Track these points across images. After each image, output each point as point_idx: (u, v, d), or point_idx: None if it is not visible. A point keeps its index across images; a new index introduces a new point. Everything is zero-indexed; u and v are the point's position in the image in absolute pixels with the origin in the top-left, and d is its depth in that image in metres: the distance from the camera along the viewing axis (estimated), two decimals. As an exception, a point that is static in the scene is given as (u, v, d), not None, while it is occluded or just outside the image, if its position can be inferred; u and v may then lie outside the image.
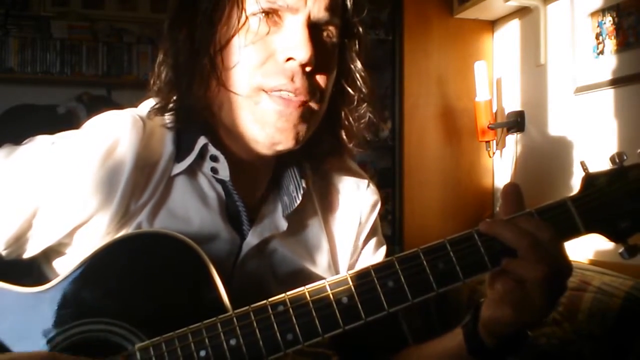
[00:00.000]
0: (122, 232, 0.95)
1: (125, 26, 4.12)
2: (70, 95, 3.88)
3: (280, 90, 0.94)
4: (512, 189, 0.90)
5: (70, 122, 3.51)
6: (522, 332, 0.92)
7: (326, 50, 0.98)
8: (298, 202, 1.04)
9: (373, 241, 1.17)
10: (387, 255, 1.18)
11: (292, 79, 0.93)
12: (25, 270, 1.00)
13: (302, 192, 1.04)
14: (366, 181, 1.17)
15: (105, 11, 4.10)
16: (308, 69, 0.94)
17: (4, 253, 0.95)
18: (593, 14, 2.35)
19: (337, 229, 1.13)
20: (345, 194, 1.15)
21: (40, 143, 0.98)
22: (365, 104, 1.07)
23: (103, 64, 3.99)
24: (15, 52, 3.88)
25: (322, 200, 1.13)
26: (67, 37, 3.97)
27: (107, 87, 4.05)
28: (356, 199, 1.15)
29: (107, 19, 4.10)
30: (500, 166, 2.98)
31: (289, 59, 0.93)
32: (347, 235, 1.14)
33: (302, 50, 0.92)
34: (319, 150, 1.08)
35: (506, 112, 2.89)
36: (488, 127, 2.80)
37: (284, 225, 1.05)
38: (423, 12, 2.99)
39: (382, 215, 1.18)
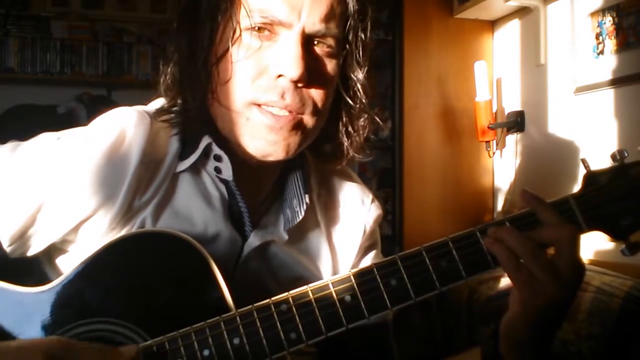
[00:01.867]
0: (127, 229, 0.95)
1: (125, 26, 4.12)
2: (70, 95, 3.88)
3: (272, 106, 0.94)
4: (530, 196, 0.90)
5: (70, 122, 3.52)
6: (543, 342, 0.90)
7: (322, 63, 0.97)
8: (300, 217, 1.03)
9: (373, 253, 1.17)
10: (387, 255, 1.19)
11: (282, 96, 0.93)
12: (26, 270, 1.00)
13: (304, 207, 1.03)
14: (371, 196, 1.17)
15: (105, 11, 4.10)
16: (300, 85, 0.94)
17: (8, 249, 0.95)
18: (593, 14, 2.35)
19: (339, 242, 1.13)
20: (350, 208, 1.14)
21: (46, 139, 0.99)
22: (366, 115, 1.06)
23: (103, 64, 3.98)
24: (15, 52, 3.88)
25: (326, 212, 1.12)
26: (67, 37, 3.97)
27: (107, 87, 4.05)
28: (361, 213, 1.15)
29: (107, 19, 4.10)
30: (500, 166, 2.98)
31: (280, 76, 0.93)
32: (350, 248, 1.13)
33: (293, 68, 0.91)
34: (325, 149, 1.08)
35: (506, 112, 2.89)
36: (488, 127, 2.80)
37: (284, 237, 1.04)
38: (423, 12, 2.99)
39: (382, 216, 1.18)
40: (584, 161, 0.90)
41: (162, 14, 4.10)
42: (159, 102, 1.04)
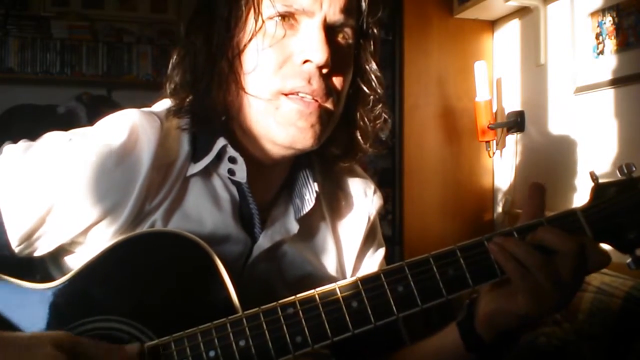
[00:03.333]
0: (136, 232, 0.95)
1: (125, 26, 4.13)
2: (70, 95, 3.88)
3: (298, 92, 0.95)
4: (539, 189, 0.91)
5: (70, 122, 3.53)
6: (523, 325, 0.93)
7: (342, 51, 0.99)
8: (311, 205, 1.04)
9: (374, 243, 1.18)
10: (387, 254, 1.20)
11: (309, 81, 0.95)
12: (30, 269, 1.00)
13: (314, 195, 1.05)
14: (373, 187, 1.19)
15: (105, 11, 4.11)
16: (324, 70, 0.95)
17: (17, 250, 0.95)
18: (593, 14, 2.36)
19: (344, 233, 1.14)
20: (354, 199, 1.16)
21: (58, 139, 0.98)
22: (381, 105, 1.08)
23: (103, 64, 3.99)
24: (15, 52, 3.89)
25: (331, 204, 1.14)
26: (67, 37, 3.97)
27: (107, 87, 4.05)
28: (365, 204, 1.16)
29: (107, 19, 4.11)
30: (500, 166, 2.99)
31: (305, 61, 0.95)
32: (354, 239, 1.14)
33: (318, 53, 0.93)
34: (333, 152, 1.09)
35: (506, 112, 2.90)
36: (488, 127, 2.81)
37: (295, 228, 1.05)
38: (423, 12, 3.00)
39: (382, 215, 1.19)
40: (592, 174, 0.91)
41: (162, 14, 4.11)
42: (165, 104, 1.04)
